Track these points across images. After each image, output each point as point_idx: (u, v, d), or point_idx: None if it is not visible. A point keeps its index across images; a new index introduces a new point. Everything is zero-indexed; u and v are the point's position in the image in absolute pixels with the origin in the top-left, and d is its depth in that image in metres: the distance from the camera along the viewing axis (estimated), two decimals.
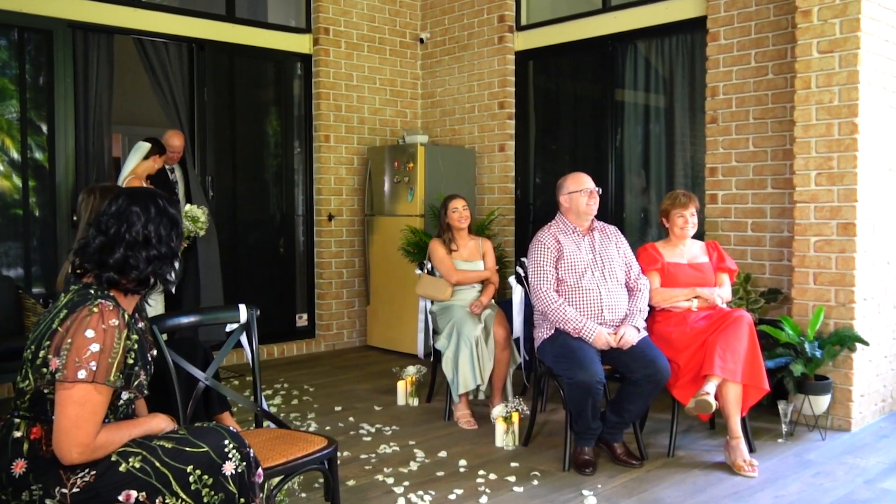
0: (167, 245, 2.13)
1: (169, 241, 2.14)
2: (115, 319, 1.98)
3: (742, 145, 5.03)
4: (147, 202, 2.13)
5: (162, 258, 2.12)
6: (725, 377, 3.63)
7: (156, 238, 2.11)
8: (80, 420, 1.92)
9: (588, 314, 3.74)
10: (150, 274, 2.10)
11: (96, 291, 2.05)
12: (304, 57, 6.64)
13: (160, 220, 2.12)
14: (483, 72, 6.68)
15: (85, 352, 1.92)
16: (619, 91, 6.00)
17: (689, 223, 4.05)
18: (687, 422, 4.34)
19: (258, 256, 6.56)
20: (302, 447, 2.59)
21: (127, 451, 2.01)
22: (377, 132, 6.95)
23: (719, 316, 3.81)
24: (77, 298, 2.02)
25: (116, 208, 2.11)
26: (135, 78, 5.89)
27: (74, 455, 1.93)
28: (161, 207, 2.14)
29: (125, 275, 2.08)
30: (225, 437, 2.09)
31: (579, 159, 6.28)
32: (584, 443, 3.68)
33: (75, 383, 1.91)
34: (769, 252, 4.94)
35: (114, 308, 2.00)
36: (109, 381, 1.96)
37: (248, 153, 6.49)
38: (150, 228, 2.10)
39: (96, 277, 2.07)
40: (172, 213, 2.16)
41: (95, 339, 1.94)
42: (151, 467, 1.99)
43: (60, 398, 1.92)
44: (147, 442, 2.04)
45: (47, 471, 1.96)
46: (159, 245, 2.11)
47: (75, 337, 1.94)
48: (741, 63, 5.01)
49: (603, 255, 3.89)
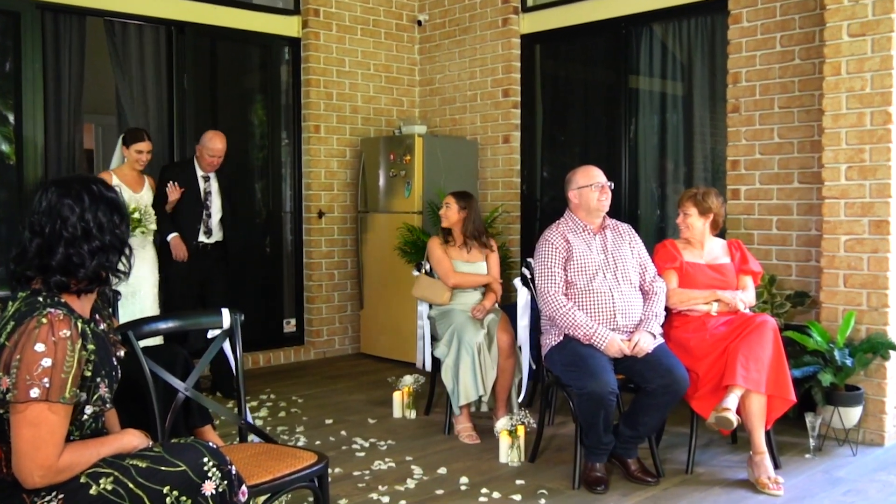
0: (111, 233, 2.08)
1: (113, 228, 2.09)
2: (66, 330, 1.95)
3: (766, 136, 5.02)
4: (79, 190, 2.06)
5: (107, 248, 2.07)
6: (748, 388, 3.63)
7: (96, 228, 2.05)
8: (39, 442, 1.89)
9: (599, 319, 3.73)
10: (98, 268, 2.05)
11: (45, 299, 2.00)
12: (292, 41, 6.64)
13: (97, 208, 2.07)
14: (486, 57, 6.68)
15: (36, 368, 1.89)
16: (634, 78, 5.99)
17: (684, 224, 4.05)
18: (707, 436, 4.34)
19: (242, 257, 6.54)
20: (290, 463, 2.58)
21: (97, 472, 1.99)
22: (371, 122, 6.94)
23: (741, 321, 3.80)
24: (24, 308, 1.98)
25: (47, 204, 2.05)
26: (109, 63, 5.88)
27: (36, 479, 1.91)
28: (96, 193, 2.08)
29: (72, 275, 2.03)
30: (204, 453, 2.08)
31: (590, 151, 6.28)
32: (595, 458, 3.68)
33: (28, 403, 1.88)
34: (795, 252, 4.93)
35: (65, 317, 1.96)
36: (65, 398, 1.93)
37: (231, 145, 6.45)
38: (88, 218, 2.05)
39: (43, 283, 2.03)
40: (110, 196, 2.10)
41: (46, 353, 1.90)
42: (125, 489, 1.97)
43: (15, 421, 1.90)
44: (119, 461, 2.03)
45: (11, 494, 1.95)
46: (101, 235, 2.06)
47: (24, 352, 1.90)
48: (765, 47, 5.00)
49: (615, 255, 3.89)
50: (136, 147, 4.99)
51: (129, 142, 5.00)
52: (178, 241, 5.22)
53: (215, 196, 5.40)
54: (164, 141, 6.02)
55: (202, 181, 5.35)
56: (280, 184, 6.72)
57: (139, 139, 5.00)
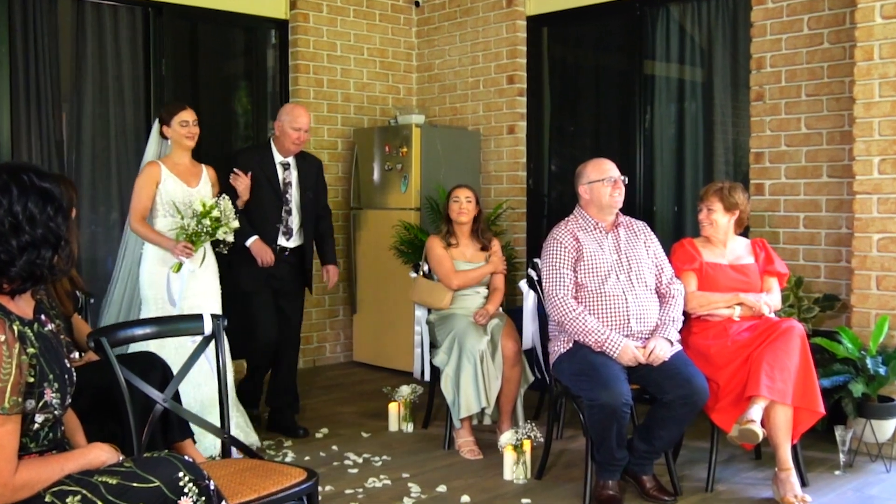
0: (44, 226, 2.04)
1: (46, 220, 2.05)
2: (0, 335, 1.94)
3: (793, 126, 5.02)
4: (6, 180, 2.03)
5: (39, 243, 2.03)
6: (773, 399, 3.63)
7: (26, 221, 2.02)
8: None
9: (612, 324, 3.74)
10: (29, 265, 2.02)
11: None
12: (279, 23, 6.64)
13: (27, 199, 2.03)
14: (489, 40, 6.68)
15: None
16: (649, 63, 6.00)
17: (705, 219, 4.05)
18: (728, 451, 4.34)
19: (225, 257, 6.54)
20: (277, 480, 2.58)
21: (63, 490, 1.99)
22: (365, 111, 6.95)
23: (766, 327, 3.81)
24: None
25: None
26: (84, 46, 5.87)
27: None
28: (26, 182, 2.04)
29: (2, 274, 2.01)
30: (179, 467, 2.08)
31: (602, 143, 6.28)
32: (607, 475, 3.68)
33: None
34: (824, 252, 4.93)
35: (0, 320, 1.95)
36: (4, 408, 1.91)
37: (213, 136, 6.48)
38: (17, 210, 2.01)
39: None
40: (43, 186, 2.06)
41: None
42: None
43: None
44: (87, 478, 2.03)
45: None
46: (32, 229, 2.02)
47: None
48: (792, 30, 5.01)
49: (630, 255, 3.89)
50: (180, 118, 4.33)
51: (168, 116, 4.36)
52: (261, 243, 4.65)
53: (295, 188, 4.82)
54: (141, 133, 5.99)
55: (281, 169, 4.79)
56: None
57: (180, 108, 4.36)
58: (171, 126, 4.33)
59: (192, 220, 4.16)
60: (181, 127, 4.32)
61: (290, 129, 4.70)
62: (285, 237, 4.80)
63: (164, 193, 4.30)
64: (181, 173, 4.38)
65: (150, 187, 4.30)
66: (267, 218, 4.71)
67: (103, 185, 5.86)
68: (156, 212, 4.33)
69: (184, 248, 4.18)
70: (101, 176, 5.85)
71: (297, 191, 4.82)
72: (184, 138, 4.33)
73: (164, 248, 4.25)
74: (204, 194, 4.37)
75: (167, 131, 4.36)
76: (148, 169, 4.35)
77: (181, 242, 4.19)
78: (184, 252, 4.18)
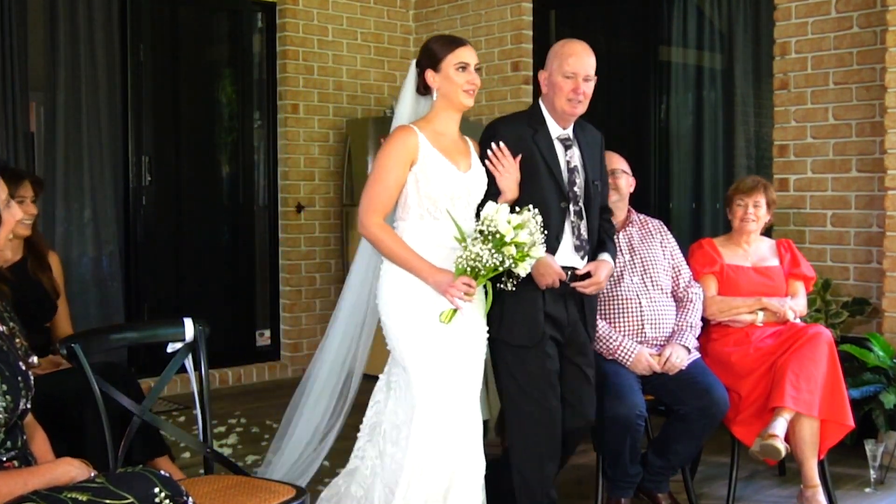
0: None
1: None
2: None
3: (820, 117, 5.02)
4: None
5: None
6: (799, 410, 3.62)
7: None
8: None
9: (625, 330, 3.73)
10: None
11: None
12: (266, 5, 6.64)
13: None
14: (493, 24, 6.68)
15: None
16: (665, 49, 6.00)
17: (751, 215, 4.04)
18: (750, 466, 4.33)
19: (208, 258, 6.55)
20: (263, 498, 2.58)
21: None
22: (359, 101, 6.95)
23: (791, 333, 3.80)
24: None
25: None
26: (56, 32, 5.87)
27: None
28: None
29: None
30: (154, 483, 2.08)
31: (614, 134, 6.23)
32: (620, 492, 3.68)
33: None
34: (854, 252, 4.93)
35: None
36: None
37: (195, 127, 6.48)
38: None
39: None
40: None
41: None
42: None
43: None
44: (55, 494, 2.03)
45: None
46: None
47: None
48: (819, 13, 5.00)
49: (643, 255, 3.88)
50: (457, 58, 3.06)
51: (438, 54, 3.07)
52: (549, 260, 3.16)
53: (579, 172, 3.36)
54: (117, 123, 5.99)
55: (561, 147, 3.34)
56: (252, 173, 6.72)
57: (457, 43, 3.10)
58: (439, 71, 3.06)
59: (487, 246, 2.82)
60: (458, 72, 3.05)
61: (560, 77, 3.27)
62: (577, 251, 3.32)
63: (421, 180, 3.03)
64: (446, 148, 3.10)
65: (402, 168, 3.03)
66: (548, 223, 3.08)
67: (75, 180, 5.81)
68: (406, 209, 3.09)
69: (465, 287, 2.88)
70: (73, 170, 5.80)
71: (583, 180, 3.37)
72: (460, 92, 3.06)
73: (421, 278, 2.97)
74: (477, 182, 3.15)
75: (432, 79, 3.08)
76: (400, 136, 3.08)
77: (461, 279, 2.88)
78: (463, 293, 2.89)
